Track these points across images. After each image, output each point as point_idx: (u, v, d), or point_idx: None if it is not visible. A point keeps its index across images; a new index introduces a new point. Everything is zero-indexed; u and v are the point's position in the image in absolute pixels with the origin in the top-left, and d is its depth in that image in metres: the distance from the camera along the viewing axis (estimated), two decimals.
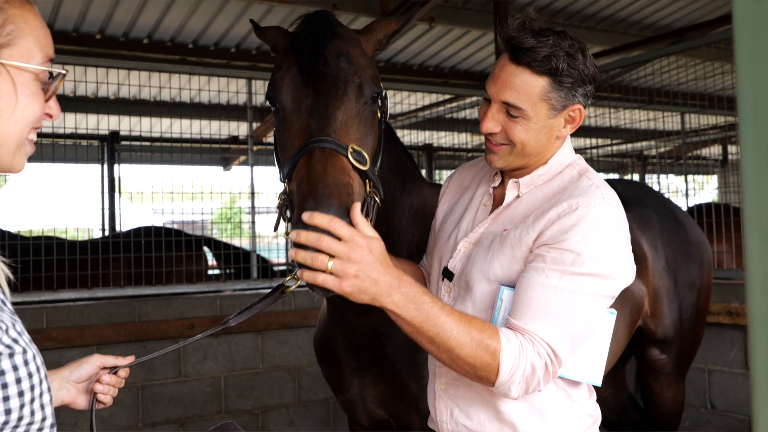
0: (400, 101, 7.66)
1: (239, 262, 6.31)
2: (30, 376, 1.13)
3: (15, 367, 1.11)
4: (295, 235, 1.52)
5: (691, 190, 7.45)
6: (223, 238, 7.50)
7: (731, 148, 9.92)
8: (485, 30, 7.41)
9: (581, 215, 1.69)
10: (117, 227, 7.41)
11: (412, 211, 2.47)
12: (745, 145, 0.68)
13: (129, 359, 1.76)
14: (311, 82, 1.82)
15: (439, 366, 1.93)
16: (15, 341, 1.13)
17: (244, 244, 7.26)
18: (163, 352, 1.89)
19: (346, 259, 1.49)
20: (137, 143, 7.50)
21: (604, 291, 1.72)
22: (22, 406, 1.11)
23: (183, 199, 5.95)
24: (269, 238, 10.46)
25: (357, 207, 1.59)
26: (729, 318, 4.51)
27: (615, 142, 8.09)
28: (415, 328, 1.60)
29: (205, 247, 6.63)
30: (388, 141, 2.18)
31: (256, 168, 5.78)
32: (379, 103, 1.93)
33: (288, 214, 1.78)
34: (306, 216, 1.52)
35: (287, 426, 5.11)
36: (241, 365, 4.97)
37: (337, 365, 2.64)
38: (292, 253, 1.53)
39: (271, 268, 6.79)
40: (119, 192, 7.37)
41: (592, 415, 1.91)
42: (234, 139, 9.22)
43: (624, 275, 1.76)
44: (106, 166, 7.55)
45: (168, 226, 6.70)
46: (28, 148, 1.28)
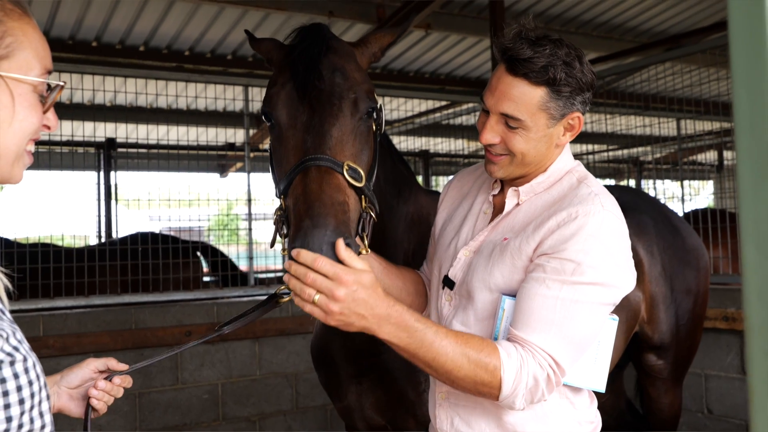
0: (397, 108, 7.66)
1: (230, 269, 6.31)
2: (30, 383, 1.14)
3: (16, 375, 1.12)
4: (288, 265, 1.55)
5: (686, 196, 7.47)
6: (220, 245, 7.48)
7: (727, 154, 9.96)
8: (481, 36, 7.43)
9: (581, 224, 1.69)
10: (114, 234, 7.40)
11: (409, 218, 2.47)
12: (741, 151, 0.68)
13: (123, 366, 1.75)
14: (306, 98, 1.82)
15: None
16: (16, 349, 1.13)
17: (240, 251, 7.24)
18: (157, 360, 1.88)
19: (331, 297, 1.50)
20: (134, 150, 7.50)
21: (605, 299, 1.72)
22: (22, 414, 1.12)
23: (180, 206, 5.94)
24: (266, 245, 10.44)
25: (340, 243, 1.55)
26: (725, 323, 4.52)
27: (611, 147, 8.11)
28: (411, 355, 1.62)
29: (200, 253, 6.62)
30: (383, 150, 2.17)
31: (252, 175, 5.77)
32: (374, 116, 1.93)
33: (284, 230, 1.78)
34: (294, 253, 1.54)
35: None
36: (238, 372, 4.96)
37: (335, 372, 2.63)
38: (286, 278, 1.56)
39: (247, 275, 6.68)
40: (116, 199, 7.36)
41: (593, 421, 1.91)
42: (231, 146, 9.22)
43: (625, 282, 1.76)
44: (102, 173, 7.55)
45: (165, 233, 6.69)
46: (27, 160, 1.29)
